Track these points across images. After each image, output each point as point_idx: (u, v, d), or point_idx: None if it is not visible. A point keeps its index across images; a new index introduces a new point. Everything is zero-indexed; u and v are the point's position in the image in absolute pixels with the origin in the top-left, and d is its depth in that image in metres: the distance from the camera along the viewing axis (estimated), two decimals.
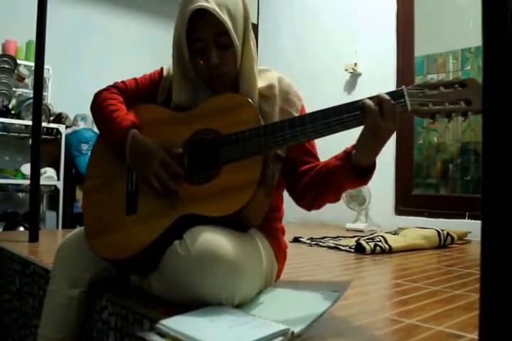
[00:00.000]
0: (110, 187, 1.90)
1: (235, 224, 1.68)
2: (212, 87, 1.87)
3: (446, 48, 4.91)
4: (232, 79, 1.87)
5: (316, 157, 1.95)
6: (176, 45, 1.85)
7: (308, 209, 1.92)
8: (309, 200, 1.88)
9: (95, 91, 2.07)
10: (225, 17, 1.72)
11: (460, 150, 4.72)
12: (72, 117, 6.13)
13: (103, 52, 6.59)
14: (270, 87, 1.90)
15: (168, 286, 1.67)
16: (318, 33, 5.98)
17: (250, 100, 1.77)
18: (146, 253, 1.71)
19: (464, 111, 1.50)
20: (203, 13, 1.70)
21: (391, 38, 5.26)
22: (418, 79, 5.07)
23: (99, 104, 1.98)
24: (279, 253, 1.95)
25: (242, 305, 1.63)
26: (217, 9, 1.71)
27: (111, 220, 1.84)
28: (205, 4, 1.69)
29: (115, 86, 2.05)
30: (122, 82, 2.06)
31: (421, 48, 5.11)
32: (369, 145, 1.61)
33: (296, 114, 1.89)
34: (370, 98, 1.57)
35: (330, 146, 2.33)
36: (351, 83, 5.59)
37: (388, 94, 1.57)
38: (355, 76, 5.56)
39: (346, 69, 5.52)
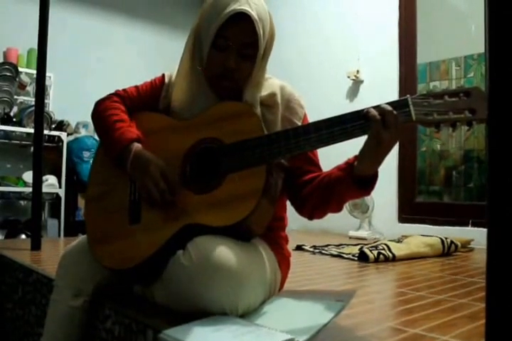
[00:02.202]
0: (113, 195, 1.90)
1: (239, 233, 1.67)
2: (216, 88, 1.87)
3: (448, 55, 4.90)
4: (239, 87, 1.87)
5: (318, 166, 1.94)
6: (195, 37, 1.88)
7: (310, 218, 1.91)
8: (311, 210, 1.87)
9: (97, 98, 2.06)
10: (260, 30, 1.74)
11: (463, 157, 4.71)
12: (73, 125, 6.15)
13: (104, 59, 6.60)
14: (272, 95, 1.89)
15: (171, 296, 1.66)
16: (320, 40, 5.99)
17: (254, 109, 1.76)
18: (149, 263, 1.70)
19: (469, 120, 1.49)
20: (241, 18, 1.71)
21: (393, 45, 5.26)
22: (420, 87, 5.07)
23: (101, 113, 1.97)
24: (283, 263, 1.94)
25: (246, 314, 1.62)
26: (258, 21, 1.73)
27: (114, 229, 1.83)
28: (250, 10, 1.71)
29: (116, 94, 2.04)
30: (123, 89, 2.05)
31: (423, 55, 5.11)
32: (371, 156, 1.60)
33: (299, 122, 1.90)
34: (373, 108, 1.56)
35: (332, 154, 2.33)
36: (353, 90, 5.59)
37: (393, 103, 1.55)
38: (357, 83, 5.56)
39: (348, 77, 5.52)
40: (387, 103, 1.56)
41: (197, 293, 1.53)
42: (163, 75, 2.05)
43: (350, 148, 1.79)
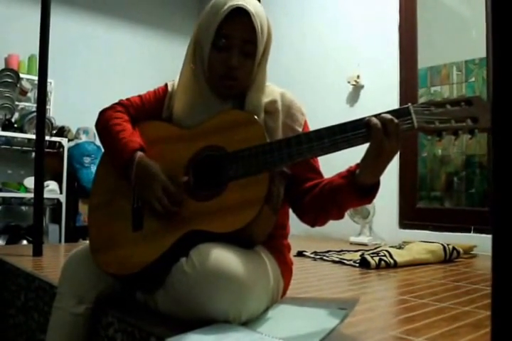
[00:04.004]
0: (116, 203, 1.90)
1: (241, 240, 1.68)
2: (220, 89, 1.88)
3: (449, 60, 4.89)
4: (241, 89, 1.88)
5: (319, 173, 1.94)
6: (196, 40, 1.89)
7: (312, 225, 1.90)
8: (313, 218, 1.87)
9: (97, 104, 2.07)
10: (258, 26, 1.76)
11: (465, 162, 4.70)
12: (74, 130, 6.15)
13: (105, 65, 6.62)
14: (273, 101, 1.90)
15: (174, 303, 1.67)
16: (320, 46, 5.99)
17: (256, 117, 1.77)
18: (152, 270, 1.71)
19: (471, 128, 1.49)
20: (239, 15, 1.74)
21: (394, 49, 5.26)
22: (421, 91, 5.07)
23: (105, 123, 1.97)
24: (285, 271, 1.94)
25: (249, 322, 1.61)
26: (255, 15, 1.75)
27: (117, 236, 1.84)
28: (247, 5, 1.74)
29: (120, 103, 2.04)
30: (127, 99, 2.06)
31: (424, 60, 5.10)
32: (373, 164, 1.60)
33: (300, 129, 1.90)
34: (374, 116, 1.56)
35: (334, 160, 2.33)
36: (354, 95, 5.58)
37: (395, 111, 1.56)
38: (357, 88, 5.55)
39: (349, 82, 5.51)
40: (389, 111, 1.56)
41: (200, 301, 1.53)
42: (166, 85, 2.05)
43: (353, 154, 1.78)
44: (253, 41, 1.78)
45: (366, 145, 1.59)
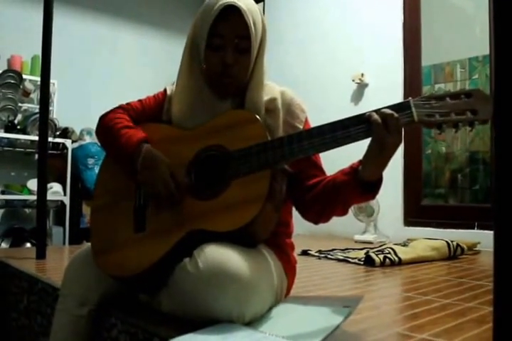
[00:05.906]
0: (118, 205, 1.90)
1: (243, 238, 1.67)
2: (218, 87, 1.88)
3: (453, 57, 4.91)
4: (240, 86, 1.88)
5: (321, 170, 1.94)
6: (192, 40, 1.90)
7: (315, 222, 1.90)
8: (316, 215, 1.87)
9: (101, 105, 2.06)
10: (250, 21, 1.76)
11: (468, 159, 4.71)
12: (78, 132, 6.13)
13: (108, 66, 6.62)
14: (273, 99, 1.89)
15: (178, 303, 1.66)
16: (324, 44, 5.99)
17: (257, 116, 1.76)
18: (155, 270, 1.70)
19: (471, 120, 1.49)
20: (231, 12, 1.75)
21: (398, 47, 5.26)
22: (425, 89, 5.07)
23: (106, 124, 1.97)
24: (289, 269, 1.93)
25: (253, 321, 1.61)
26: (247, 11, 1.75)
27: (119, 238, 1.84)
28: (237, 2, 1.74)
29: (120, 107, 2.05)
30: (127, 103, 2.06)
31: (428, 58, 5.11)
32: (376, 160, 1.60)
33: (300, 126, 1.90)
34: (374, 111, 1.56)
35: (337, 157, 2.32)
36: (358, 93, 5.58)
37: (395, 105, 1.56)
38: (362, 86, 5.55)
39: (353, 80, 5.51)
40: (390, 106, 1.57)
41: (203, 301, 1.53)
42: (165, 89, 2.06)
43: (356, 152, 1.78)
44: (247, 37, 1.78)
45: (367, 142, 1.58)
